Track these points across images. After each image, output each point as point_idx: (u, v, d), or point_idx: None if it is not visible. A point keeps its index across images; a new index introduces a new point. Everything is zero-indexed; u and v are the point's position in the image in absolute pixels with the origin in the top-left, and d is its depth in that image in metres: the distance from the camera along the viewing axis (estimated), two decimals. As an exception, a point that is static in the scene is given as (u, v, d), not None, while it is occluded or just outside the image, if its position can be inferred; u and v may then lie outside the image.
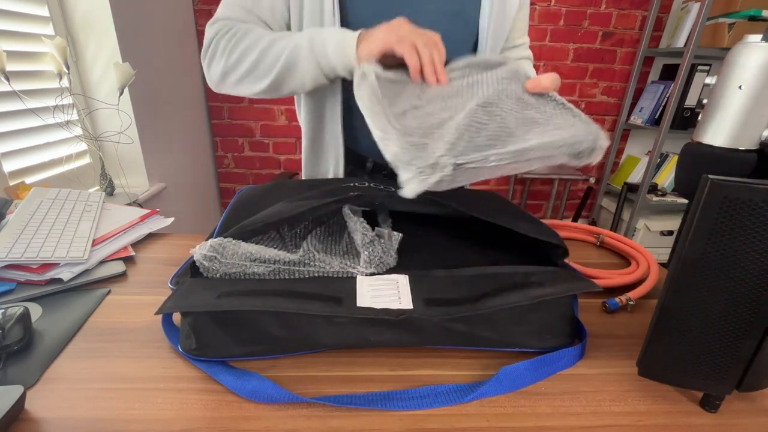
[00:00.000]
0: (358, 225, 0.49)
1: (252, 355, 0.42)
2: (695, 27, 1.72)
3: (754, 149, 0.47)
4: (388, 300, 0.42)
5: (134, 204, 1.23)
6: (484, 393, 0.39)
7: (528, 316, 0.43)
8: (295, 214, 0.48)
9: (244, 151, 2.20)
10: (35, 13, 1.13)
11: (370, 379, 0.41)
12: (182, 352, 0.42)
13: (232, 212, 0.53)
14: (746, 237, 0.32)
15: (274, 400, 0.38)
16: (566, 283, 0.43)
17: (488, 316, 0.42)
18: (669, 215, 2.21)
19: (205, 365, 0.41)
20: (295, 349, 0.43)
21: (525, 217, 0.52)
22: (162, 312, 0.39)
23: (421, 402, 0.38)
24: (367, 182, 0.58)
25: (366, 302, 0.41)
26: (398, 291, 0.43)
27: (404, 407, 0.38)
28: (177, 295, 0.41)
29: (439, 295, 0.42)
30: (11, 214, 0.63)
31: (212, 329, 0.40)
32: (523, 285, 0.43)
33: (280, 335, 0.41)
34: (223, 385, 0.39)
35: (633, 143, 2.36)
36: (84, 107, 1.31)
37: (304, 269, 0.45)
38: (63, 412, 0.36)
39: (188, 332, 0.40)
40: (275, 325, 0.40)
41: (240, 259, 0.44)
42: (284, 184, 0.61)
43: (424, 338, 0.43)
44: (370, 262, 0.46)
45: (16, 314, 0.43)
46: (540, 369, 0.43)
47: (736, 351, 0.36)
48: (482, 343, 0.44)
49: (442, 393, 0.39)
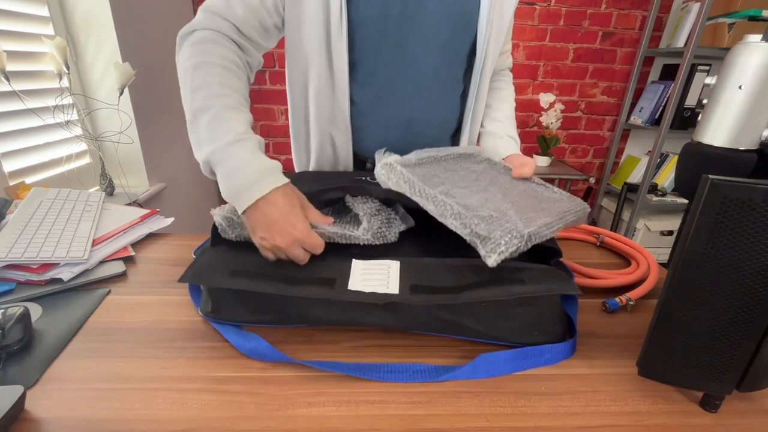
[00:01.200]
0: (368, 201, 0.51)
1: (259, 323, 0.48)
2: (695, 27, 1.72)
3: (754, 149, 0.47)
4: (377, 284, 0.45)
5: (134, 204, 1.23)
6: (458, 376, 0.42)
7: (513, 311, 0.44)
8: (308, 192, 0.50)
9: (244, 151, 2.19)
10: (35, 13, 1.13)
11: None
12: (201, 314, 0.49)
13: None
14: (746, 237, 0.32)
15: (267, 359, 0.43)
16: (549, 283, 0.44)
17: (472, 307, 0.44)
18: (669, 215, 2.21)
19: (218, 325, 0.47)
20: (297, 321, 0.48)
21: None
22: (183, 281, 0.45)
23: (398, 376, 0.42)
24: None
25: (357, 285, 0.44)
26: (388, 276, 0.46)
27: (382, 378, 0.41)
28: (196, 267, 0.47)
29: (425, 282, 0.45)
30: (11, 214, 0.63)
31: (226, 298, 0.47)
32: (508, 280, 0.44)
33: (282, 308, 0.46)
34: (230, 342, 0.45)
35: (633, 143, 2.36)
36: (84, 107, 1.31)
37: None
38: (63, 412, 0.36)
39: (207, 298, 0.48)
40: (278, 300, 0.46)
41: None
42: (303, 175, 0.63)
43: (411, 323, 0.46)
44: (368, 229, 0.48)
45: (16, 314, 0.43)
46: (519, 360, 0.44)
47: (736, 351, 0.36)
48: (468, 333, 0.46)
49: (419, 371, 0.42)
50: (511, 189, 0.55)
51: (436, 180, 0.53)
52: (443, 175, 0.56)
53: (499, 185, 0.56)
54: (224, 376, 0.41)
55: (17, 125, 1.06)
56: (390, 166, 0.54)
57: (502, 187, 0.55)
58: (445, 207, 0.46)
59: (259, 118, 2.13)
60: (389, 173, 0.53)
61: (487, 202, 0.49)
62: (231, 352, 0.44)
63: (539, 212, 0.48)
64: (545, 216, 0.47)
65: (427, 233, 0.53)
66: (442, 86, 0.69)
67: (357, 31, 0.62)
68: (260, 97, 2.07)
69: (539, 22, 2.04)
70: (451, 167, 0.60)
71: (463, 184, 0.54)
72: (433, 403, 0.39)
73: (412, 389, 0.40)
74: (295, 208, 0.47)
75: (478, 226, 0.43)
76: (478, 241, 0.42)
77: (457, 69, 0.69)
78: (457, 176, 0.56)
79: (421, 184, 0.50)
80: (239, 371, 0.42)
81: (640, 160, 2.23)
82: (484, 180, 0.57)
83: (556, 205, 0.51)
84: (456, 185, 0.53)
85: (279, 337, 0.47)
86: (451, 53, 0.67)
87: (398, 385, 0.41)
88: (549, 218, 0.47)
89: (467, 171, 0.59)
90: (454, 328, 0.46)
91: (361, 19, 0.62)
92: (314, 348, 0.46)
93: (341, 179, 0.57)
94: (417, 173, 0.54)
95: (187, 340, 0.46)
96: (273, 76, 2.05)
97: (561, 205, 0.52)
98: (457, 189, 0.52)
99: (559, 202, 0.53)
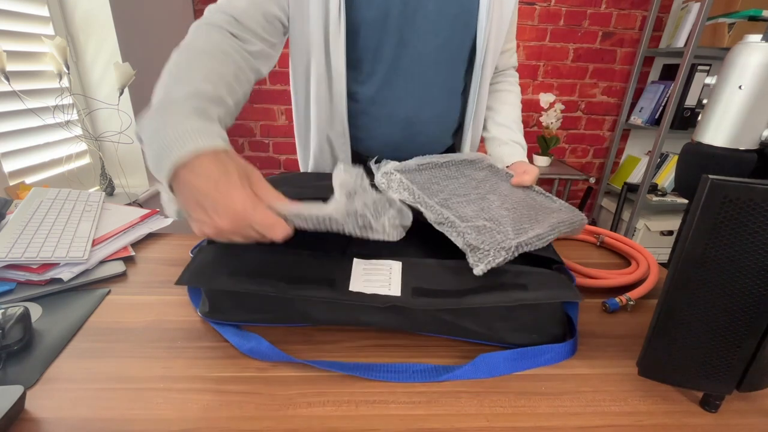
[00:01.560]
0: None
1: (258, 322, 0.47)
2: (695, 27, 1.72)
3: (754, 149, 0.47)
4: (378, 286, 0.44)
5: (134, 204, 1.23)
6: (459, 375, 0.42)
7: (514, 314, 0.44)
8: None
9: (244, 151, 2.20)
10: (35, 13, 1.13)
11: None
12: (200, 314, 0.48)
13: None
14: (746, 237, 0.32)
15: (267, 358, 0.43)
16: (551, 290, 0.44)
17: (473, 309, 0.44)
18: (669, 215, 2.21)
19: (217, 325, 0.47)
20: (297, 320, 0.47)
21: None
22: (179, 284, 0.44)
23: (398, 376, 0.41)
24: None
25: (358, 286, 0.44)
26: (390, 277, 0.45)
27: (382, 378, 0.41)
28: (192, 268, 0.45)
29: (427, 285, 0.45)
30: (11, 214, 0.63)
31: (225, 298, 0.46)
32: (510, 285, 0.44)
33: (282, 308, 0.46)
34: (229, 342, 0.45)
35: (633, 143, 2.36)
36: (84, 107, 1.31)
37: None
38: (63, 412, 0.36)
39: (205, 298, 0.48)
40: (277, 300, 0.45)
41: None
42: (293, 176, 0.63)
43: (413, 324, 0.46)
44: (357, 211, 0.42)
45: (16, 314, 0.43)
46: (519, 360, 0.44)
47: (736, 351, 0.36)
48: (468, 335, 0.46)
49: (419, 371, 0.42)
50: (511, 197, 0.56)
51: (436, 188, 0.54)
52: (443, 182, 0.56)
53: (499, 193, 0.56)
54: (224, 376, 0.41)
55: (17, 125, 1.06)
56: (389, 175, 0.54)
57: (501, 195, 0.56)
58: (441, 216, 0.47)
59: (259, 118, 2.13)
60: (389, 182, 0.54)
61: (483, 211, 0.50)
62: (231, 352, 0.44)
63: (534, 223, 0.49)
64: (539, 227, 0.48)
65: (426, 234, 0.53)
66: (443, 84, 0.70)
67: (357, 31, 0.62)
68: (260, 97, 2.08)
69: (539, 22, 2.04)
70: (452, 174, 0.60)
71: (463, 192, 0.54)
72: (433, 403, 0.39)
73: (412, 389, 0.40)
74: (231, 175, 0.35)
75: (470, 236, 0.43)
76: (468, 250, 0.43)
77: (457, 67, 0.69)
78: (456, 183, 0.57)
79: (419, 192, 0.50)
80: (239, 371, 0.42)
81: (640, 160, 2.23)
82: (483, 188, 0.57)
83: (553, 215, 0.52)
84: (455, 193, 0.54)
85: (279, 337, 0.47)
86: (451, 52, 0.67)
87: (398, 385, 0.41)
88: (542, 229, 0.47)
89: (468, 178, 0.60)
90: (455, 330, 0.46)
91: (361, 20, 0.62)
92: (314, 348, 0.46)
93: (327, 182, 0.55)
94: (417, 180, 0.54)
95: (186, 340, 0.46)
96: (273, 76, 2.05)
97: (558, 216, 0.52)
98: (455, 198, 0.52)
99: (557, 212, 0.53)
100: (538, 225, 0.48)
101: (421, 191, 0.50)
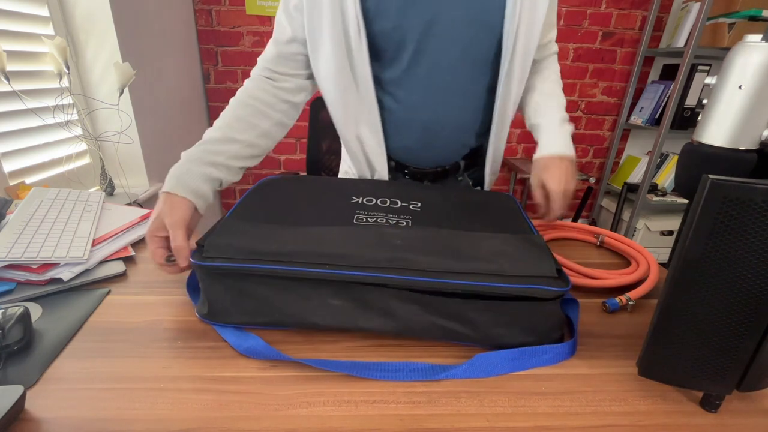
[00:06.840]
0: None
1: (254, 324, 0.47)
2: (695, 27, 1.72)
3: (754, 149, 0.47)
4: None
5: (134, 204, 1.23)
6: (457, 374, 0.42)
7: (511, 319, 0.44)
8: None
9: (244, 151, 2.20)
10: (35, 13, 1.13)
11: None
12: (198, 315, 0.49)
13: (255, 197, 0.58)
14: (746, 237, 0.32)
15: (264, 357, 0.43)
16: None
17: (468, 314, 0.44)
18: (669, 215, 2.22)
19: (216, 325, 0.48)
20: (292, 324, 0.47)
21: (521, 246, 0.49)
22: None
23: (396, 374, 0.42)
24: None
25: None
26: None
27: (380, 377, 0.41)
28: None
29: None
30: (11, 214, 0.63)
31: (222, 301, 0.46)
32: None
33: (280, 311, 0.46)
34: (227, 342, 0.45)
35: (633, 143, 2.36)
36: (84, 107, 1.31)
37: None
38: (63, 412, 0.36)
39: (203, 300, 0.48)
40: (276, 303, 0.45)
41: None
42: (306, 183, 0.65)
43: (408, 328, 0.45)
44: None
45: (16, 314, 0.43)
46: (517, 360, 0.44)
47: (736, 351, 0.36)
48: (464, 340, 0.46)
49: (417, 369, 0.42)
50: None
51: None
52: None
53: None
54: (224, 376, 0.41)
55: (17, 125, 1.06)
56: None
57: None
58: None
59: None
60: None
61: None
62: (231, 352, 0.44)
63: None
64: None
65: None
66: (463, 89, 0.69)
67: (373, 42, 0.63)
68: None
69: (539, 22, 2.04)
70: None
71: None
72: (433, 403, 0.39)
73: (412, 389, 0.40)
74: (158, 218, 0.52)
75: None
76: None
77: (480, 71, 0.68)
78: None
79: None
80: (239, 371, 0.42)
81: (640, 160, 2.23)
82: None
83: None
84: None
85: (278, 337, 0.47)
86: (473, 56, 0.66)
87: (398, 385, 0.41)
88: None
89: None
90: (452, 335, 0.45)
91: (378, 32, 0.62)
92: (314, 348, 0.46)
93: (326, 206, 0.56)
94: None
95: (186, 340, 0.46)
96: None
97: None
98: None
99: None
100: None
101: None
